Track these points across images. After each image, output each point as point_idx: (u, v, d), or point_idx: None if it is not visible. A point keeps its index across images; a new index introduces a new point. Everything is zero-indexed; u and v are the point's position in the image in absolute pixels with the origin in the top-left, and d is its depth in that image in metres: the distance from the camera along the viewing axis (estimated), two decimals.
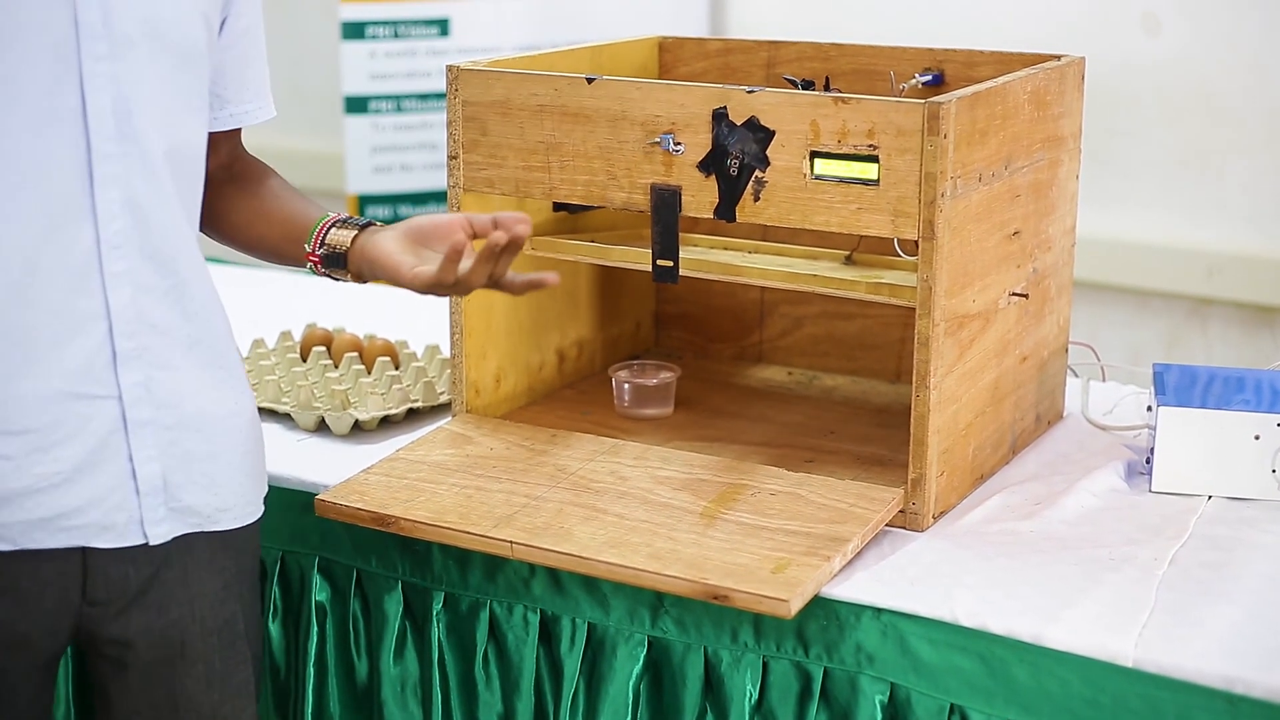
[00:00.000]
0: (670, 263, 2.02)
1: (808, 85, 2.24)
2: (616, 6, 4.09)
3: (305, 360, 2.45)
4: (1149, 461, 2.02)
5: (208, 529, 1.75)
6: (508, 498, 1.93)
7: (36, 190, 1.61)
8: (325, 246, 1.82)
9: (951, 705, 1.71)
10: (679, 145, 1.94)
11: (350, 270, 1.82)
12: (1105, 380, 2.41)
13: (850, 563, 1.81)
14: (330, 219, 1.84)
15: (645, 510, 1.89)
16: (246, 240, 1.89)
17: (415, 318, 2.68)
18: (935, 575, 1.79)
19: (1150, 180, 3.80)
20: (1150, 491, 2.00)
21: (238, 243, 1.90)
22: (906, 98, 1.96)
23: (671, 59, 2.42)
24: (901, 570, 1.81)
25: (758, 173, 1.91)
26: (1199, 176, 3.76)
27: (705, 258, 2.11)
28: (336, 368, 2.41)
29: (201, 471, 1.73)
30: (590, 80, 1.99)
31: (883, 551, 1.85)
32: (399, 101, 4.14)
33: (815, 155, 1.88)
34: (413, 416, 2.27)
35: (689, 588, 1.74)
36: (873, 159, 1.85)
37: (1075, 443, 2.17)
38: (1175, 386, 2.04)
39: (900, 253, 2.04)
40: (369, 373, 2.37)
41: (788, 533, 1.82)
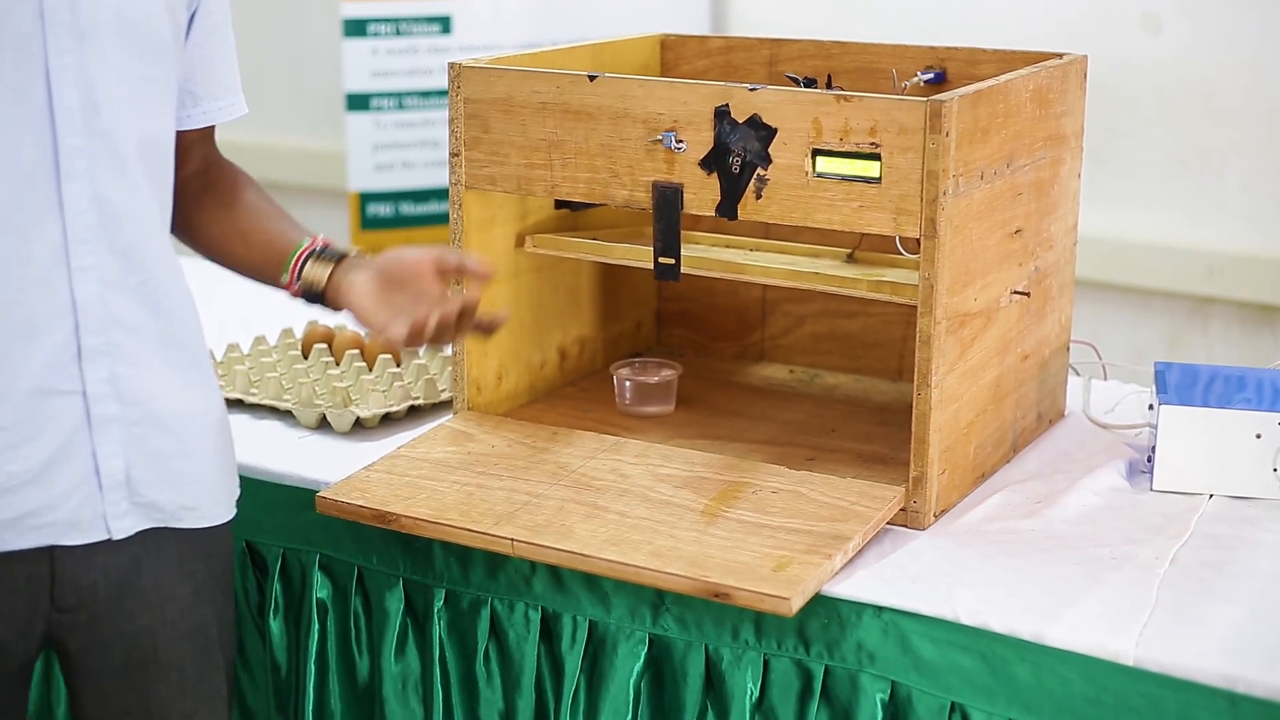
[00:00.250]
0: (672, 260, 2.02)
1: (810, 83, 2.23)
2: (618, 4, 4.09)
3: (307, 357, 2.45)
4: (1150, 460, 2.02)
5: (173, 525, 1.73)
6: (509, 495, 1.93)
7: (2, 184, 1.59)
8: (302, 281, 1.81)
9: (952, 704, 1.71)
10: (681, 143, 1.94)
11: (329, 305, 1.82)
12: (1107, 379, 2.41)
13: (851, 561, 1.81)
14: (305, 249, 1.81)
15: (646, 508, 1.89)
16: (223, 257, 1.87)
17: None
18: (936, 573, 1.79)
19: (1151, 179, 3.80)
20: (1151, 490, 2.00)
21: (215, 258, 1.88)
22: (909, 96, 1.96)
23: (673, 57, 2.42)
24: (903, 568, 1.81)
25: (760, 170, 1.90)
26: (1200, 176, 3.75)
27: (707, 255, 2.11)
28: (338, 365, 2.41)
29: (169, 469, 1.71)
30: (592, 78, 1.99)
31: (884, 550, 1.85)
32: (401, 99, 4.14)
33: (817, 153, 1.88)
34: (414, 414, 2.27)
35: (690, 585, 1.74)
36: (875, 157, 1.85)
37: (1077, 441, 2.17)
38: (1177, 385, 2.04)
39: (902, 251, 2.04)
40: (370, 370, 2.37)
41: (789, 531, 1.82)
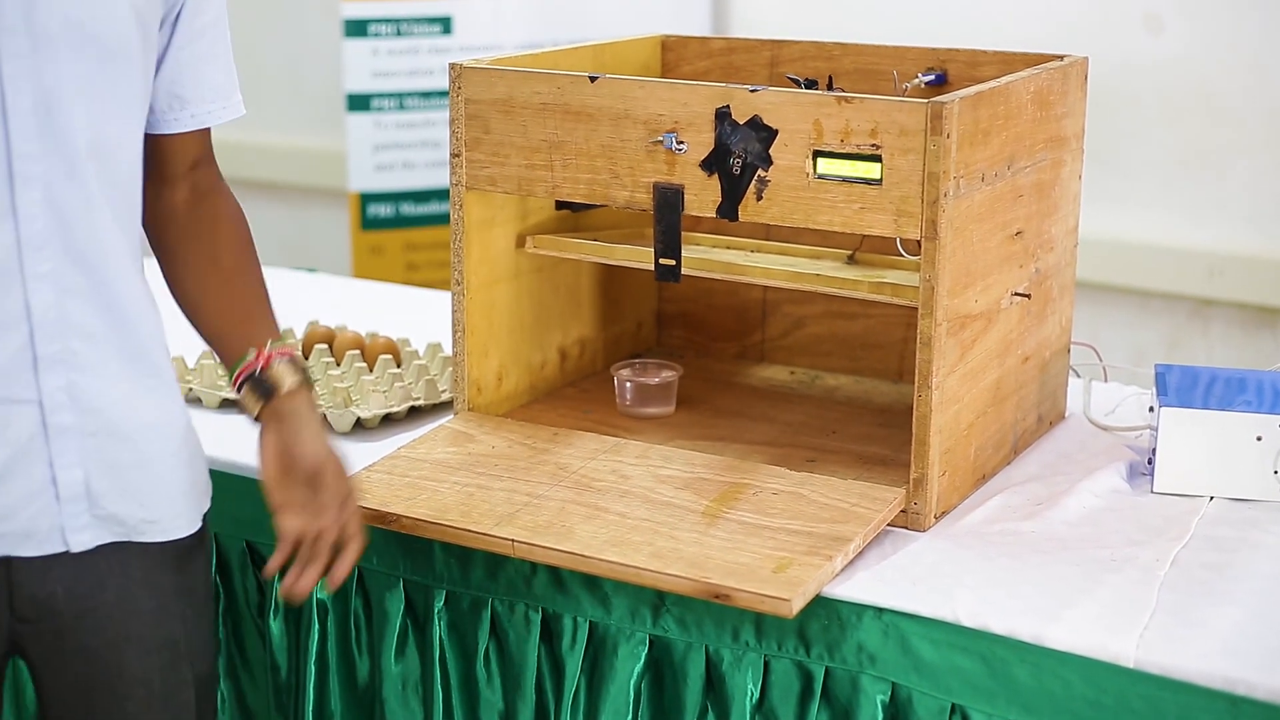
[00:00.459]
0: (672, 262, 2.02)
1: (811, 84, 2.24)
2: (619, 5, 4.09)
3: (307, 358, 2.45)
4: (1151, 462, 2.02)
5: (134, 539, 1.70)
6: (509, 496, 1.93)
7: None
8: (238, 400, 1.79)
9: (953, 705, 1.71)
10: (682, 144, 1.94)
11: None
12: (1107, 381, 2.41)
13: (852, 562, 1.81)
14: (246, 367, 1.77)
15: (647, 509, 1.89)
16: (188, 316, 1.83)
17: (417, 316, 2.69)
18: (937, 575, 1.79)
19: (1151, 181, 3.80)
20: (1152, 492, 2.00)
21: (182, 310, 1.84)
22: (909, 97, 1.96)
23: (674, 58, 2.42)
24: (903, 570, 1.81)
25: (760, 172, 1.91)
26: (1200, 177, 3.76)
27: (707, 257, 2.11)
28: (339, 365, 2.41)
29: (128, 480, 1.68)
30: (593, 79, 1.99)
31: (884, 551, 1.85)
32: (401, 99, 4.14)
33: (818, 154, 1.88)
34: (414, 414, 2.27)
35: (690, 586, 1.74)
36: (876, 158, 1.85)
37: (1077, 443, 2.17)
38: (1177, 387, 2.04)
39: (903, 252, 2.04)
40: (371, 370, 2.37)
41: (789, 532, 1.82)
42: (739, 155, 1.91)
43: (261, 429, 1.76)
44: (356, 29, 4.08)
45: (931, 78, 2.22)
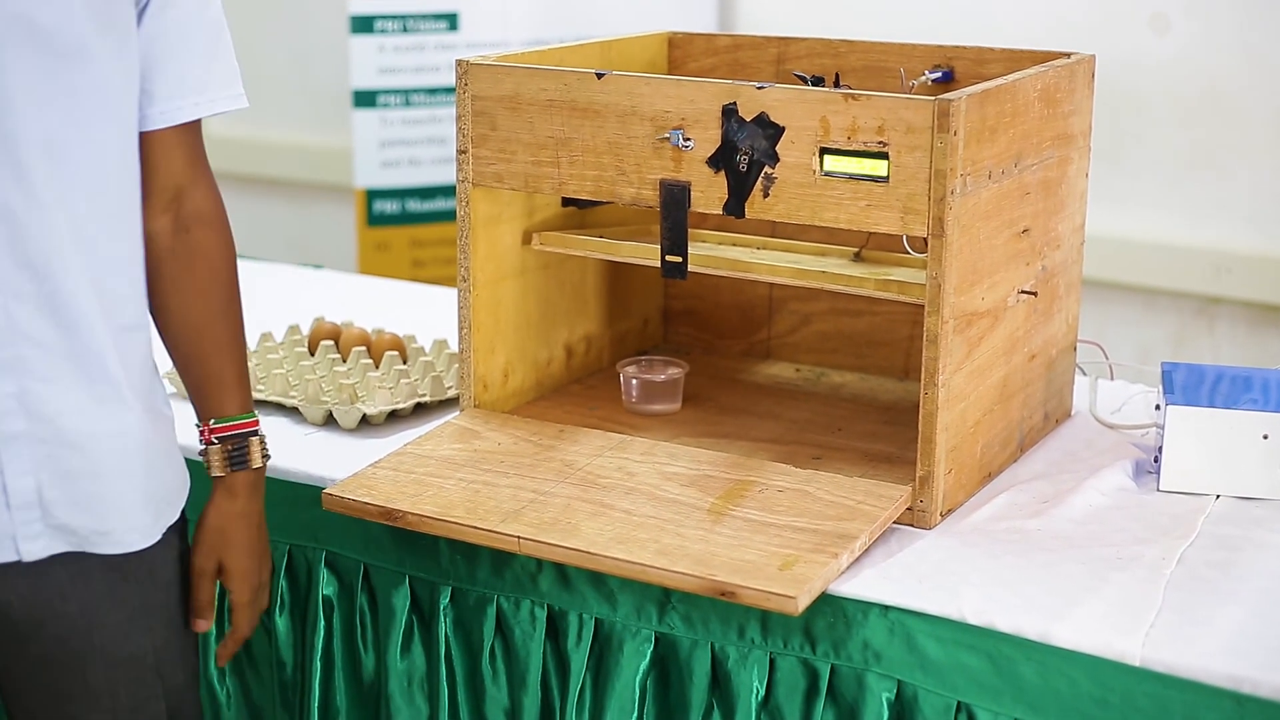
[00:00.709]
0: (679, 258, 2.02)
1: (817, 81, 2.23)
2: (626, 2, 4.09)
3: (313, 354, 2.45)
4: (1157, 460, 2.02)
5: (88, 550, 1.69)
6: (515, 493, 1.93)
7: None
8: (201, 449, 1.79)
9: (958, 703, 1.71)
10: (688, 141, 1.94)
11: None
12: (1113, 379, 2.41)
13: (858, 560, 1.81)
14: (208, 431, 1.78)
15: (653, 506, 1.89)
16: (165, 339, 1.80)
17: (423, 312, 2.69)
18: (943, 573, 1.79)
19: (1158, 179, 3.80)
20: (1158, 490, 2.00)
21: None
22: (916, 95, 1.96)
23: (681, 55, 2.42)
24: (909, 568, 1.81)
25: (767, 169, 1.90)
26: (1207, 176, 3.75)
27: (714, 254, 2.11)
28: (344, 362, 2.41)
29: (81, 490, 1.66)
30: (600, 75, 1.99)
31: (890, 549, 1.85)
32: (407, 96, 4.14)
33: (825, 152, 1.87)
34: (420, 411, 2.28)
35: (696, 584, 1.74)
36: (882, 156, 1.84)
37: (1083, 441, 2.17)
38: (1183, 385, 2.04)
39: (909, 250, 2.04)
40: (377, 367, 2.37)
41: (795, 529, 1.82)
42: (746, 152, 1.91)
43: (208, 507, 1.80)
44: (363, 25, 4.08)
45: (938, 75, 2.22)
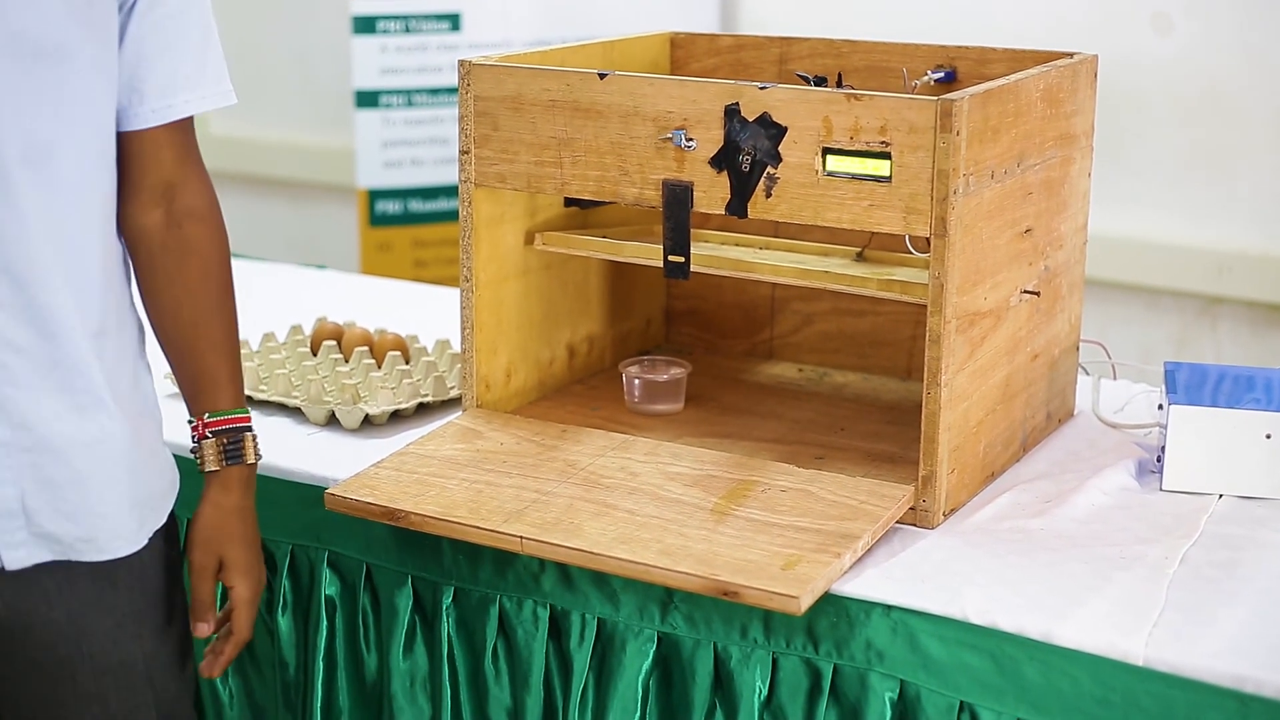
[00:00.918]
0: (681, 259, 2.02)
1: (820, 81, 2.23)
2: (628, 2, 4.09)
3: (316, 354, 2.46)
4: (1160, 460, 2.02)
5: (72, 558, 1.68)
6: (518, 493, 1.93)
7: None
8: (194, 445, 1.78)
9: (961, 703, 1.71)
10: (691, 141, 1.94)
11: None
12: (1116, 378, 2.41)
13: (860, 560, 1.81)
14: (201, 425, 1.77)
15: (655, 506, 1.89)
16: (158, 336, 1.80)
17: (426, 312, 2.69)
18: (945, 573, 1.79)
19: (1161, 179, 3.80)
20: (1161, 490, 2.00)
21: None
22: (919, 95, 1.96)
23: (683, 55, 2.42)
24: (912, 567, 1.81)
25: (769, 169, 1.90)
26: (1209, 175, 3.75)
27: (716, 254, 2.11)
28: (347, 362, 2.41)
29: (63, 498, 1.65)
30: (602, 76, 1.99)
31: (893, 549, 1.85)
32: (410, 96, 4.14)
33: (827, 152, 1.87)
34: (423, 411, 2.28)
35: (699, 584, 1.74)
36: (885, 156, 1.85)
37: (1086, 441, 2.17)
38: (1186, 385, 2.04)
39: (912, 250, 2.04)
40: (379, 367, 2.37)
41: (798, 529, 1.82)
42: (748, 152, 1.91)
43: (202, 502, 1.79)
44: (365, 25, 4.08)
45: (941, 75, 2.22)
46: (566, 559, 1.83)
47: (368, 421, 2.23)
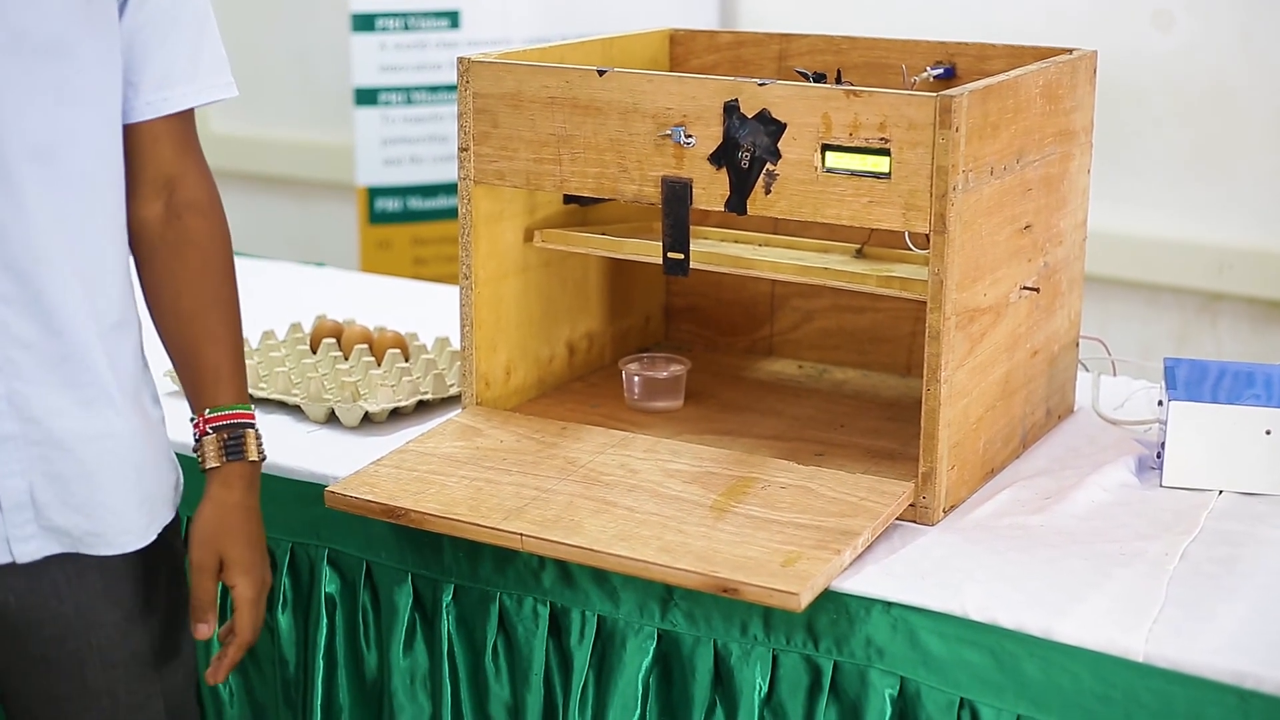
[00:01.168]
0: (681, 255, 2.02)
1: (819, 78, 2.23)
2: None
3: (315, 352, 2.46)
4: (1160, 456, 2.02)
5: (82, 552, 1.68)
6: (517, 490, 1.93)
7: None
8: (195, 442, 1.77)
9: (961, 699, 1.71)
10: (690, 138, 1.94)
11: None
12: (1116, 375, 2.41)
13: (860, 556, 1.81)
14: (202, 422, 1.75)
15: (655, 503, 1.89)
16: (159, 332, 1.79)
17: (425, 310, 2.69)
18: (945, 569, 1.79)
19: (1161, 175, 3.80)
20: (1161, 486, 2.00)
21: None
22: (918, 91, 1.96)
23: (683, 51, 2.42)
24: (912, 564, 1.81)
25: (769, 165, 1.90)
26: (1210, 172, 3.75)
27: (716, 250, 2.11)
28: (346, 360, 2.41)
29: (72, 492, 1.65)
30: (601, 72, 1.99)
31: (893, 545, 1.85)
32: (409, 93, 4.14)
33: (826, 148, 1.87)
34: (422, 409, 2.28)
35: (699, 581, 1.74)
36: (884, 152, 1.84)
37: (1086, 437, 2.17)
38: (1186, 381, 2.04)
39: (911, 246, 2.04)
40: (379, 365, 2.37)
41: (798, 526, 1.82)
42: (747, 149, 1.91)
43: (203, 501, 1.76)
44: (364, 23, 4.08)
45: (940, 71, 2.22)
46: (566, 556, 1.83)
47: (367, 419, 2.23)
